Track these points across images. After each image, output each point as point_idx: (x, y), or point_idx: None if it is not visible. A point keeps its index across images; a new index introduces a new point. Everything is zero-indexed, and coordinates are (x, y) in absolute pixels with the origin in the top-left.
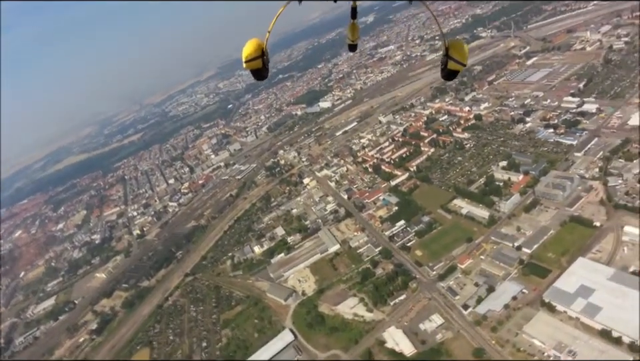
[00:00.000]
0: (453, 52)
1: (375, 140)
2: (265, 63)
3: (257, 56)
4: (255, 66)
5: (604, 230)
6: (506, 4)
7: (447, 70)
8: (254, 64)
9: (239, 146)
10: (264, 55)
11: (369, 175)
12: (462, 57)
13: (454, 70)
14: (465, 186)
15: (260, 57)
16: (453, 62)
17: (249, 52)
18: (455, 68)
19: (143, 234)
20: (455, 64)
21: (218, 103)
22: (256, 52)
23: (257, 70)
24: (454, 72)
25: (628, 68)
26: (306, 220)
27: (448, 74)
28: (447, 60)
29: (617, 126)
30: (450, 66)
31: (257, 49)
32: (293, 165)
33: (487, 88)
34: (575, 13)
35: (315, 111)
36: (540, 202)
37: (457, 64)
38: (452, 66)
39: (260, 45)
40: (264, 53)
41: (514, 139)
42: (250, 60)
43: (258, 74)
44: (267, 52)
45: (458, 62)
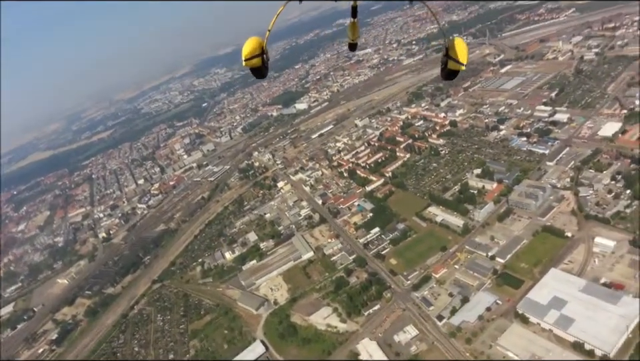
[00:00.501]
0: (452, 52)
1: (350, 144)
2: (264, 62)
3: (256, 55)
4: (254, 64)
5: (575, 240)
6: (482, 12)
7: (447, 70)
8: (253, 62)
9: (212, 147)
10: (263, 53)
11: (344, 180)
12: (462, 57)
13: (454, 70)
14: (440, 193)
15: (259, 55)
16: (452, 62)
17: (249, 51)
18: (454, 68)
19: (109, 237)
20: (454, 64)
21: (192, 101)
22: (255, 51)
23: (256, 68)
24: (454, 72)
25: (598, 79)
26: (279, 226)
27: (448, 74)
28: (447, 60)
29: (587, 136)
30: (450, 66)
31: (257, 48)
32: (267, 168)
33: (462, 94)
34: (548, 23)
35: (291, 113)
36: (513, 211)
37: (457, 64)
38: (452, 66)
39: (260, 43)
40: (264, 52)
41: (488, 147)
42: (249, 58)
43: (257, 73)
44: (266, 50)
45: (458, 62)
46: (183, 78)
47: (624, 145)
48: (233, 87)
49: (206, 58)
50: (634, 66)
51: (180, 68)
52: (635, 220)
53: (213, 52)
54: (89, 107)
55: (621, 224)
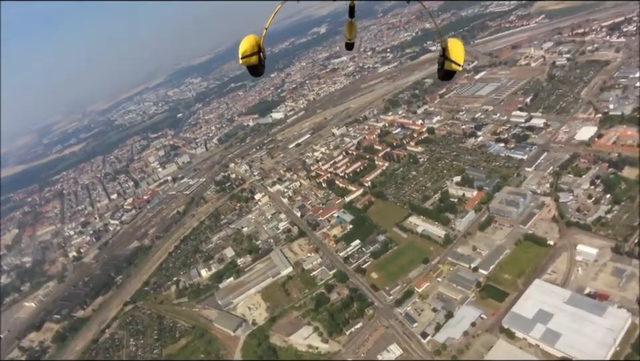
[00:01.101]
0: (449, 52)
1: (328, 153)
2: (261, 60)
3: (253, 53)
4: (251, 62)
5: (558, 248)
6: (454, 19)
7: (443, 71)
8: (250, 60)
9: (187, 159)
10: (260, 52)
11: (323, 190)
12: (458, 58)
13: (450, 70)
14: (420, 202)
15: (256, 54)
16: (449, 62)
17: (245, 49)
18: (451, 68)
19: (79, 256)
20: (451, 65)
21: (167, 112)
22: (252, 49)
23: (253, 66)
24: (450, 72)
25: (571, 83)
26: (257, 240)
27: (444, 74)
28: (443, 61)
29: (564, 141)
30: (447, 66)
31: (254, 46)
32: (244, 179)
33: (439, 101)
34: (519, 30)
35: (268, 122)
36: (494, 220)
37: (454, 65)
38: (448, 67)
39: (257, 42)
40: (260, 50)
41: (467, 153)
42: (246, 56)
43: (254, 71)
44: (263, 48)
45: (454, 63)
46: (157, 89)
47: (601, 149)
48: (208, 97)
49: (181, 68)
50: (605, 70)
51: (154, 78)
52: (616, 226)
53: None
54: (61, 119)
55: (602, 231)
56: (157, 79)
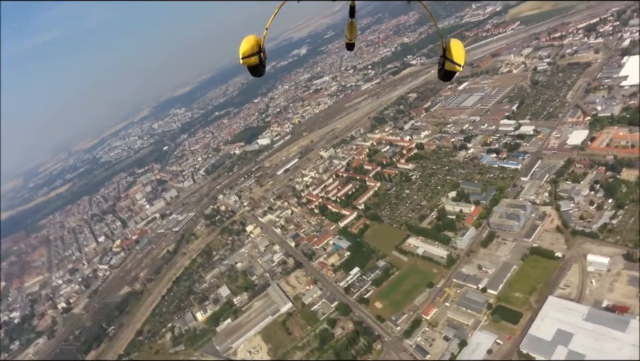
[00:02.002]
0: (449, 53)
1: (318, 177)
2: (261, 60)
3: (253, 53)
4: (251, 62)
5: (567, 260)
6: (431, 32)
7: (443, 71)
8: (251, 60)
9: (175, 193)
10: (261, 52)
11: (316, 217)
12: (459, 58)
13: (450, 71)
14: (417, 222)
15: (257, 54)
16: (449, 63)
17: (246, 49)
18: (451, 69)
19: (69, 307)
20: (451, 65)
21: (153, 145)
22: (253, 49)
23: (253, 66)
24: (451, 73)
25: (555, 88)
26: (252, 275)
27: (445, 75)
28: (444, 61)
29: (556, 147)
30: (447, 67)
31: (254, 46)
32: (234, 211)
33: (425, 115)
34: (496, 38)
35: (254, 149)
36: (496, 235)
37: (454, 65)
38: (449, 67)
39: (257, 42)
40: (261, 50)
41: (459, 167)
42: (247, 56)
43: (255, 71)
44: (264, 49)
45: (455, 63)
46: (142, 122)
47: (595, 152)
48: (193, 127)
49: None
50: (588, 72)
51: (139, 112)
52: (624, 231)
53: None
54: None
55: (611, 237)
56: (142, 113)
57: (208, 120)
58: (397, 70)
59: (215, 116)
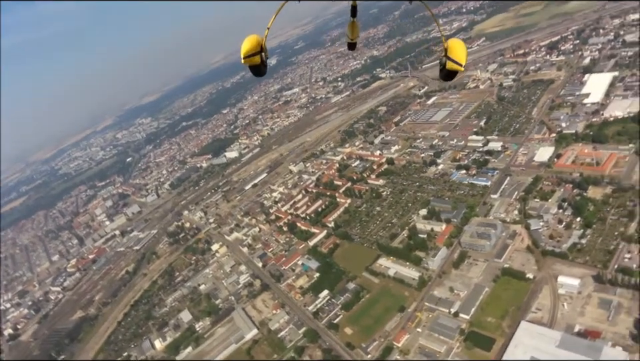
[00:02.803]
0: (451, 52)
1: (287, 193)
2: (263, 60)
3: (255, 52)
4: (253, 62)
5: (538, 282)
6: (400, 46)
7: (445, 71)
8: (252, 60)
9: (137, 208)
10: (262, 51)
11: (284, 235)
12: (460, 58)
13: (452, 70)
14: (388, 241)
15: (258, 53)
16: (451, 62)
17: (248, 49)
18: (453, 68)
19: (16, 333)
20: (453, 65)
21: (115, 157)
22: (254, 49)
23: (255, 66)
24: (452, 72)
25: (520, 104)
26: (216, 299)
27: (446, 74)
28: (445, 61)
29: (524, 163)
30: (448, 66)
31: (256, 45)
32: (199, 228)
33: (395, 129)
34: None
35: (222, 162)
36: (468, 255)
37: (455, 65)
38: (450, 67)
39: (259, 41)
40: (262, 49)
41: (429, 183)
42: (248, 56)
43: (256, 70)
44: (265, 48)
45: (456, 63)
46: (105, 132)
47: (562, 170)
48: (159, 138)
49: (130, 109)
50: (551, 89)
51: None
52: (592, 251)
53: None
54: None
55: (580, 258)
56: (105, 121)
57: (175, 131)
58: (366, 83)
59: (182, 127)
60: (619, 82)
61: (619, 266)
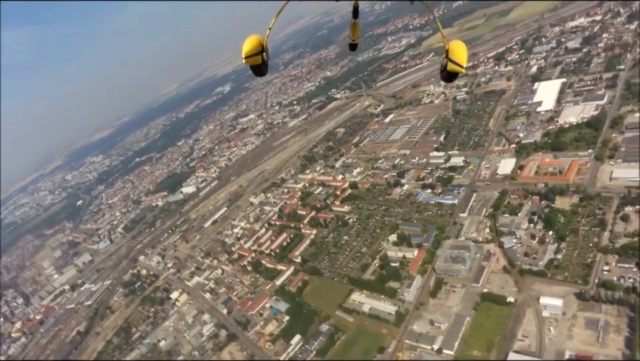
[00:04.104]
0: (452, 54)
1: (249, 227)
2: (264, 60)
3: (256, 52)
4: (254, 62)
5: (520, 305)
6: (352, 65)
7: (446, 72)
8: (253, 60)
9: (89, 257)
10: (264, 51)
11: (249, 275)
12: (461, 59)
13: (453, 71)
14: (360, 272)
15: (260, 53)
16: (452, 64)
17: (249, 49)
18: (453, 69)
19: None
20: (453, 66)
21: (65, 200)
22: (256, 49)
23: (256, 66)
24: (453, 73)
25: (476, 116)
26: (179, 355)
27: (447, 75)
28: (446, 63)
29: (488, 178)
30: (449, 68)
31: (257, 45)
32: (157, 275)
33: (355, 151)
34: (415, 69)
35: (178, 199)
36: (444, 281)
37: (456, 66)
38: (451, 68)
39: (260, 41)
40: (264, 49)
41: (396, 205)
42: (250, 56)
43: (257, 70)
44: (267, 48)
45: (457, 64)
46: (54, 174)
47: (527, 181)
48: (111, 176)
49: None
50: (504, 99)
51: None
52: (570, 266)
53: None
54: None
55: (559, 275)
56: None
57: (128, 168)
58: (322, 104)
59: (135, 163)
60: (568, 89)
61: (599, 280)
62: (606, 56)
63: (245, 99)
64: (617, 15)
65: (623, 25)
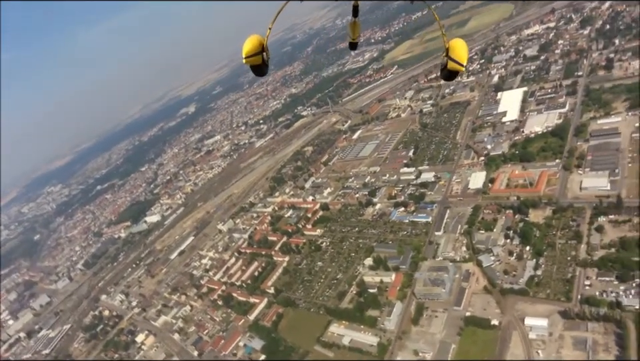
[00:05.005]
0: (452, 52)
1: (218, 257)
2: (264, 60)
3: (257, 52)
4: (254, 62)
5: (505, 328)
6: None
7: (446, 71)
8: (254, 60)
9: (47, 299)
10: (264, 51)
11: (220, 310)
12: (461, 58)
13: (453, 70)
14: (337, 301)
15: (260, 53)
16: (452, 62)
17: (249, 49)
18: (454, 68)
19: None
20: (454, 65)
21: (21, 235)
22: (256, 49)
23: (256, 66)
24: (453, 72)
25: (443, 129)
26: None
27: (448, 74)
28: (447, 61)
29: (460, 193)
30: (449, 66)
31: (258, 45)
32: (120, 315)
33: (324, 170)
34: (379, 83)
35: (142, 229)
36: (425, 306)
37: (456, 65)
38: (451, 67)
39: (260, 41)
40: (264, 49)
41: (369, 226)
42: (250, 56)
43: (258, 70)
44: (267, 48)
45: (457, 63)
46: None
47: (499, 195)
48: (71, 207)
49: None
50: (469, 110)
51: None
52: (551, 282)
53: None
54: None
55: (541, 292)
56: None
57: (89, 197)
58: (289, 122)
59: (96, 191)
60: (530, 97)
61: (582, 296)
62: (563, 62)
63: (210, 120)
64: (569, 21)
65: (577, 31)
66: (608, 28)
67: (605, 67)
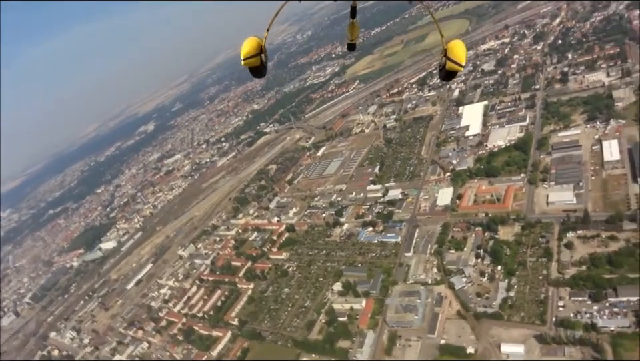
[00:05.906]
0: (450, 53)
1: (178, 286)
2: (262, 61)
3: (255, 54)
4: (253, 63)
5: (481, 355)
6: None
7: (444, 71)
8: (252, 61)
9: None
10: (262, 53)
11: (181, 346)
12: (460, 58)
13: (452, 70)
14: (305, 332)
15: (258, 55)
16: (451, 63)
17: (248, 50)
18: (452, 68)
19: None
20: (452, 65)
21: None
22: (254, 50)
23: (255, 67)
24: (452, 72)
25: (408, 144)
26: None
27: (446, 75)
28: (445, 62)
29: (428, 210)
30: (448, 67)
31: (256, 47)
32: (72, 355)
33: (289, 189)
34: (341, 98)
35: (97, 257)
36: (398, 334)
37: (455, 65)
38: (450, 67)
39: (259, 43)
40: (262, 51)
41: (337, 248)
42: (248, 57)
43: (256, 72)
44: (265, 50)
45: (456, 63)
46: None
47: (467, 212)
48: (20, 234)
49: None
50: (432, 125)
51: None
52: (525, 304)
53: None
54: None
55: (515, 315)
56: None
57: (40, 223)
58: (252, 140)
59: (48, 216)
60: (491, 111)
61: (556, 318)
62: (520, 76)
63: (170, 138)
64: (523, 37)
65: (530, 46)
66: (560, 43)
67: (560, 80)
